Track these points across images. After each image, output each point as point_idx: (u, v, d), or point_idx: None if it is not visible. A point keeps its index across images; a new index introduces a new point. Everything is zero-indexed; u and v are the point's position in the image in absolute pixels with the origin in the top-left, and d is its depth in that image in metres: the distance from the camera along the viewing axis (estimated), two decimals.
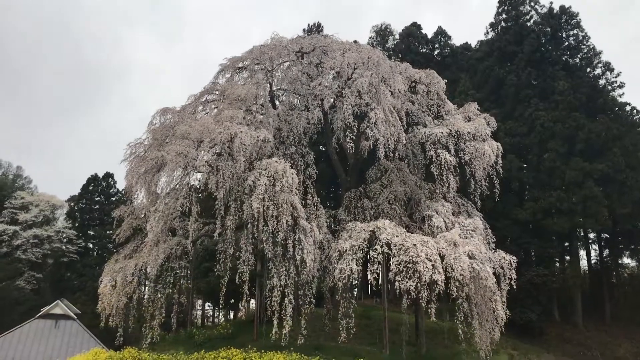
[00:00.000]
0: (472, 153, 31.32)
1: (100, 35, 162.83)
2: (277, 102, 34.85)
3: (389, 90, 31.62)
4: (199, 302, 56.63)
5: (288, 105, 33.52)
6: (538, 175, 42.81)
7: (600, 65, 47.52)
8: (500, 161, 32.46)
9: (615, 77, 47.10)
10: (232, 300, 40.55)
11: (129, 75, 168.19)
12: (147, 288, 32.31)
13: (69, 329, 38.62)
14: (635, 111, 45.96)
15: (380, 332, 29.38)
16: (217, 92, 32.70)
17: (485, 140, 32.20)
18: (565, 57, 48.48)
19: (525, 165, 44.58)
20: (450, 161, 30.36)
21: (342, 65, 31.18)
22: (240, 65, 34.63)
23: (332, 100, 32.19)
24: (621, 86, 46.85)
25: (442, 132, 31.32)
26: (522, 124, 44.38)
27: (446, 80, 36.00)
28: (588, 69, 47.65)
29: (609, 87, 46.95)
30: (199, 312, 59.61)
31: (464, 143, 31.61)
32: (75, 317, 39.90)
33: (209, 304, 57.70)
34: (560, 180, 41.26)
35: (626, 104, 45.64)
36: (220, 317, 60.29)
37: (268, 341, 25.91)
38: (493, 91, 47.71)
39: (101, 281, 28.92)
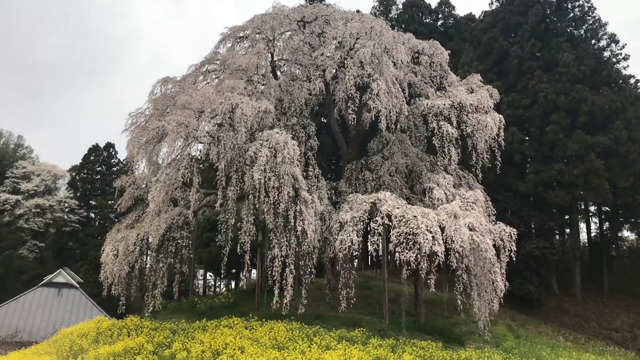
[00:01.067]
0: (474, 125, 31.19)
1: (108, 4, 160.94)
2: (278, 73, 34.59)
3: (392, 61, 31.34)
4: (201, 271, 57.14)
5: (289, 76, 33.25)
6: (540, 147, 42.69)
7: (605, 37, 47.00)
8: (502, 133, 32.34)
9: (620, 49, 46.67)
10: (234, 270, 40.95)
11: (136, 45, 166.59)
12: (148, 257, 32.57)
13: (71, 297, 39.08)
14: (639, 84, 45.60)
15: (379, 302, 29.73)
16: (218, 62, 32.42)
17: (487, 112, 32.04)
18: (570, 28, 47.87)
19: (527, 138, 44.42)
20: (452, 133, 30.27)
21: (345, 35, 30.86)
22: (241, 34, 34.28)
23: (334, 70, 31.94)
24: (626, 58, 46.46)
25: (444, 104, 31.15)
26: (525, 96, 44.07)
27: (449, 52, 35.68)
28: (593, 41, 47.11)
29: (614, 60, 46.51)
30: (201, 282, 60.22)
31: (466, 115, 31.46)
32: (78, 286, 40.33)
33: (211, 274, 58.24)
34: (562, 153, 41.16)
35: (630, 76, 45.24)
36: (221, 286, 60.89)
37: (269, 310, 26.23)
38: (496, 63, 47.26)
39: (103, 250, 29.14)
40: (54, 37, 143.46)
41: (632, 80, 45.27)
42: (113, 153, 58.85)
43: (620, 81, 44.86)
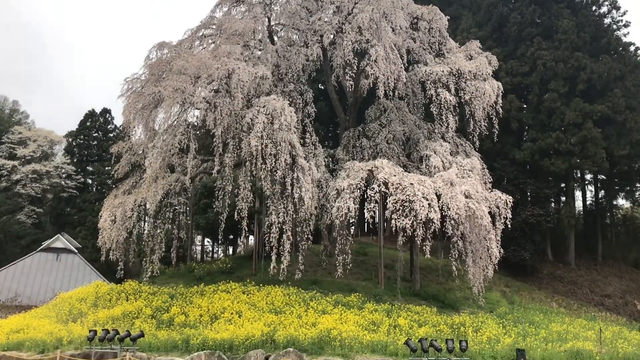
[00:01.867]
0: (473, 92, 31.06)
1: None
2: (275, 38, 34.18)
3: (390, 27, 31.01)
4: (198, 237, 57.35)
5: (287, 41, 32.88)
6: (537, 115, 42.58)
7: (606, 3, 46.39)
8: (500, 101, 32.24)
9: (621, 15, 46.15)
10: (231, 236, 41.17)
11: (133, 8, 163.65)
12: (146, 223, 32.72)
13: (70, 262, 39.39)
14: (639, 51, 45.27)
15: (375, 268, 30.07)
16: (214, 27, 31.99)
17: (486, 79, 31.87)
18: None
19: (525, 106, 44.24)
20: (450, 100, 30.16)
21: (343, 0, 30.44)
22: None
23: (331, 36, 31.57)
24: (627, 25, 45.98)
25: (442, 71, 30.96)
26: (524, 63, 43.73)
27: (448, 17, 35.29)
28: (593, 7, 46.50)
29: (614, 27, 46.04)
30: (199, 248, 60.47)
31: (465, 82, 31.30)
32: (76, 251, 40.61)
33: (208, 240, 58.46)
34: (560, 121, 41.08)
35: (630, 43, 44.87)
36: (219, 252, 61.31)
37: (266, 276, 26.52)
38: (496, 29, 46.71)
39: (101, 216, 29.24)
40: None
41: (632, 48, 44.95)
42: (109, 119, 58.43)
43: (620, 48, 44.51)
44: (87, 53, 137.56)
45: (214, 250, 63.32)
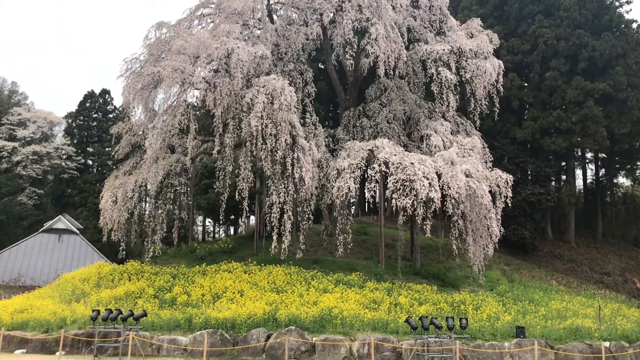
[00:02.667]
0: (474, 71, 30.89)
1: None
2: (275, 17, 33.89)
3: (391, 5, 30.76)
4: (200, 218, 57.64)
5: (286, 20, 32.59)
6: (538, 94, 42.39)
7: None
8: (501, 79, 32.06)
9: None
10: (232, 217, 41.28)
11: None
12: (147, 204, 32.81)
13: (72, 242, 39.60)
14: None
15: (376, 248, 30.22)
16: (213, 5, 31.70)
17: (487, 58, 31.67)
18: None
19: (526, 84, 44.02)
20: (451, 79, 30.01)
21: None
22: None
23: (331, 14, 31.28)
24: (629, 2, 45.44)
25: (443, 49, 30.75)
26: (525, 41, 43.39)
27: None
28: None
29: (617, 3, 45.54)
30: (200, 228, 60.80)
31: (466, 61, 31.10)
32: (78, 232, 40.79)
33: (210, 220, 58.72)
34: (561, 100, 40.90)
35: (633, 20, 44.39)
36: (220, 232, 61.58)
37: (268, 255, 26.69)
38: (497, 7, 46.25)
39: (102, 197, 29.29)
40: None
41: (634, 25, 44.51)
42: (109, 99, 58.26)
43: (623, 26, 44.08)
44: (87, 53, 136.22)
45: (215, 231, 63.63)
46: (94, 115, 57.09)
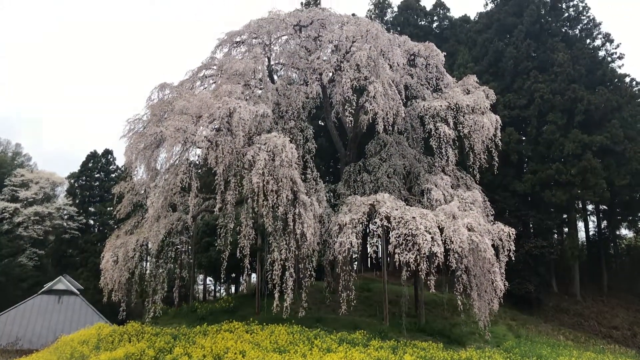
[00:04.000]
0: (471, 126, 31.29)
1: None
2: (275, 77, 34.69)
3: (388, 64, 31.48)
4: (201, 276, 57.02)
5: (286, 80, 33.35)
6: (537, 147, 42.83)
7: (600, 36, 47.25)
8: (499, 134, 32.44)
9: (615, 48, 46.90)
10: (234, 275, 40.95)
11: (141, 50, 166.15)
12: (148, 263, 32.62)
13: (72, 304, 39.09)
14: (634, 82, 45.83)
15: (380, 304, 29.77)
16: (215, 67, 32.51)
17: (484, 113, 32.15)
18: (565, 28, 48.10)
19: (524, 138, 44.56)
20: (449, 134, 30.37)
21: (341, 39, 30.99)
22: (237, 39, 34.35)
23: (330, 74, 32.04)
24: (621, 57, 46.65)
25: (441, 105, 31.27)
26: (521, 96, 44.23)
27: (445, 53, 35.78)
28: (588, 40, 47.34)
29: (609, 59, 46.74)
30: (201, 287, 60.05)
31: (463, 116, 31.56)
32: (78, 293, 40.34)
33: (211, 279, 58.10)
34: (559, 153, 41.29)
35: (626, 75, 45.47)
36: (221, 291, 60.82)
37: (269, 314, 26.26)
38: (492, 64, 47.42)
39: (103, 257, 29.15)
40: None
41: (627, 79, 45.52)
42: (111, 160, 58.92)
43: (616, 80, 45.07)
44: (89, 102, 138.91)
45: (216, 289, 62.87)
46: (96, 175, 57.58)
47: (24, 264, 51.21)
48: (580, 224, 52.59)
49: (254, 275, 37.32)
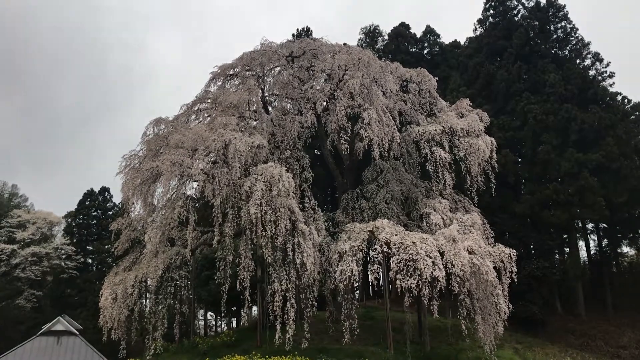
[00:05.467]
0: (467, 149, 31.36)
1: (117, 41, 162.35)
2: (269, 108, 34.89)
3: (381, 91, 31.72)
4: (201, 311, 56.47)
5: (281, 110, 33.54)
6: (533, 168, 42.88)
7: (589, 56, 47.69)
8: (495, 156, 32.52)
9: (605, 67, 47.24)
10: (234, 308, 40.51)
11: (151, 82, 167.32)
12: (148, 300, 32.21)
13: (71, 345, 38.41)
14: (626, 100, 46.11)
15: (383, 332, 29.36)
16: (209, 100, 32.71)
17: (479, 135, 32.28)
18: (555, 49, 48.64)
19: (520, 159, 44.66)
20: (445, 158, 30.41)
21: (333, 68, 31.26)
22: (231, 72, 34.67)
23: (324, 103, 32.26)
24: (611, 76, 46.98)
25: (435, 130, 31.39)
26: (515, 118, 44.49)
27: (437, 78, 36.11)
28: (578, 60, 47.82)
29: (600, 78, 47.06)
30: (202, 322, 59.45)
31: (458, 139, 31.67)
32: (78, 333, 39.68)
33: (211, 313, 57.57)
34: (556, 172, 41.33)
35: (617, 93, 45.78)
36: (222, 325, 60.17)
37: (272, 346, 25.86)
38: (484, 87, 47.82)
39: (101, 295, 28.76)
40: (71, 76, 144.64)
41: (619, 97, 45.81)
42: (108, 197, 58.83)
43: (608, 98, 45.37)
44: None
45: (217, 323, 62.17)
46: (93, 214, 57.40)
47: (22, 305, 50.67)
48: (581, 243, 52.29)
49: (254, 308, 36.93)
